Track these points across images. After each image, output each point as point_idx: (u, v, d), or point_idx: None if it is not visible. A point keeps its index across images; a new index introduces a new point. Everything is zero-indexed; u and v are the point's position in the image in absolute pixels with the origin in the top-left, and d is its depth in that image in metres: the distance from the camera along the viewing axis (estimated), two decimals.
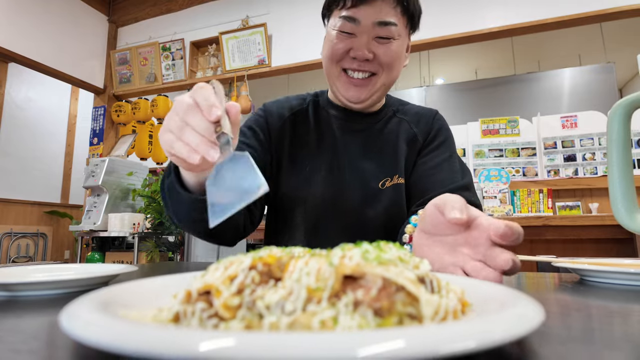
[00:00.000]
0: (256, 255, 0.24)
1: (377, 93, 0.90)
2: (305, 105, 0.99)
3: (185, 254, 3.66)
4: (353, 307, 0.20)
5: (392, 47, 0.85)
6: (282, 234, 0.94)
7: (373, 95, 0.89)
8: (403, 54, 0.89)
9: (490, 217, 0.49)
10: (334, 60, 0.87)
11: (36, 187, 4.90)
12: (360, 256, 0.22)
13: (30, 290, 0.44)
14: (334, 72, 0.89)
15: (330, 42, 0.87)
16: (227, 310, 0.21)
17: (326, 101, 0.99)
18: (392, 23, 0.83)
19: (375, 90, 0.89)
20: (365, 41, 0.83)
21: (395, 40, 0.85)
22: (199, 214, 0.63)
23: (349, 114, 0.95)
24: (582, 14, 2.80)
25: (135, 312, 0.25)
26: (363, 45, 0.83)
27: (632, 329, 0.29)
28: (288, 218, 0.92)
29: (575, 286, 0.53)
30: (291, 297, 0.20)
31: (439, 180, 0.87)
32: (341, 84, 0.89)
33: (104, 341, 0.17)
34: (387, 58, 0.85)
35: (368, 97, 0.89)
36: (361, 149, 0.93)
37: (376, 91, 0.89)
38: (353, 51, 0.84)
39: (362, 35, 0.83)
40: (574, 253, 2.09)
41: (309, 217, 0.90)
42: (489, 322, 0.19)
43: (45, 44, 3.76)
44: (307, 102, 1.00)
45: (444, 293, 0.24)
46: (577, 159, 3.48)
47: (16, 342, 0.25)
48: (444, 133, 0.97)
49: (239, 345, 0.15)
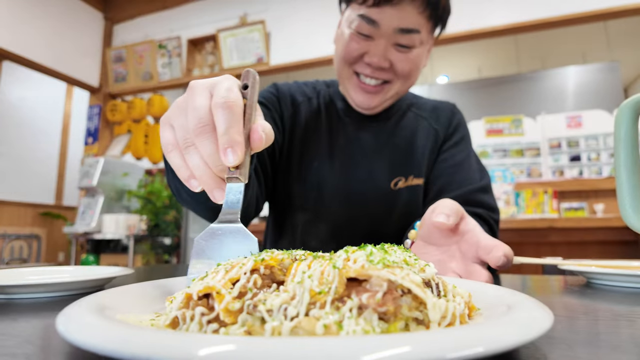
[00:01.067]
0: (258, 257, 0.24)
1: (389, 100, 0.85)
2: (317, 93, 0.92)
3: (182, 256, 3.66)
4: (358, 312, 0.19)
5: (411, 56, 0.77)
6: (283, 233, 0.90)
7: (384, 103, 0.84)
8: (423, 60, 0.82)
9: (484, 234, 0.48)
10: (346, 62, 0.80)
11: (30, 188, 4.84)
12: (364, 259, 0.21)
13: (26, 293, 0.43)
14: (346, 73, 0.82)
15: (344, 42, 0.79)
16: (229, 314, 0.20)
17: (337, 93, 0.92)
18: (415, 30, 0.74)
19: (388, 98, 0.83)
20: (383, 48, 0.75)
21: (416, 49, 0.77)
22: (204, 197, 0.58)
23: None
24: (587, 13, 2.78)
25: (132, 315, 0.25)
26: (380, 52, 0.75)
27: (639, 331, 0.29)
28: (289, 216, 0.88)
29: (582, 289, 0.52)
30: (294, 301, 0.20)
31: (457, 181, 0.83)
32: (352, 87, 0.82)
33: (101, 345, 0.17)
34: (404, 68, 0.77)
35: (379, 104, 0.83)
36: (372, 145, 0.88)
37: (388, 99, 0.83)
38: (368, 56, 0.76)
39: (380, 41, 0.75)
40: (579, 255, 2.07)
41: (313, 216, 0.86)
42: (498, 327, 0.18)
43: (40, 41, 3.73)
44: (318, 91, 0.93)
45: (450, 297, 0.23)
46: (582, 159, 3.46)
47: (11, 346, 0.25)
48: (462, 129, 0.92)
49: (239, 350, 0.15)
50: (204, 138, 0.35)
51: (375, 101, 0.82)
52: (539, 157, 3.46)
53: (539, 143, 3.51)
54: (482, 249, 0.47)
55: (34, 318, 0.34)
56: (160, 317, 0.25)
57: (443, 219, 0.47)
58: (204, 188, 0.37)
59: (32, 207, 4.83)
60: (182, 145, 0.37)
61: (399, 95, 0.85)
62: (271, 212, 0.95)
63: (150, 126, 4.12)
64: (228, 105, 0.34)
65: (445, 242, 0.52)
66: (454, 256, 0.50)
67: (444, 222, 0.47)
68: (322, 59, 3.30)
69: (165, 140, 0.39)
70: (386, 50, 0.75)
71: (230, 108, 0.34)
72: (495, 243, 0.46)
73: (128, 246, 3.58)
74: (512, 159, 3.46)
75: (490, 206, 0.80)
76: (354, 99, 0.84)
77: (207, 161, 0.36)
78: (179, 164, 0.38)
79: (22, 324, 0.32)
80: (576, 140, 3.46)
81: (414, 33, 0.74)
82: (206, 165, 0.36)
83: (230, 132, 0.34)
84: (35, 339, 0.27)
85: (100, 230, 3.56)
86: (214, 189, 0.36)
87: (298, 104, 0.89)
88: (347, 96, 0.86)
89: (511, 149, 3.51)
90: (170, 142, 0.39)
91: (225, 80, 0.37)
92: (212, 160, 0.35)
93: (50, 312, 0.36)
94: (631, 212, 0.54)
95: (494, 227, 0.79)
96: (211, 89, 0.37)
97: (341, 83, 0.86)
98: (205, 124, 0.35)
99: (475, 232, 0.49)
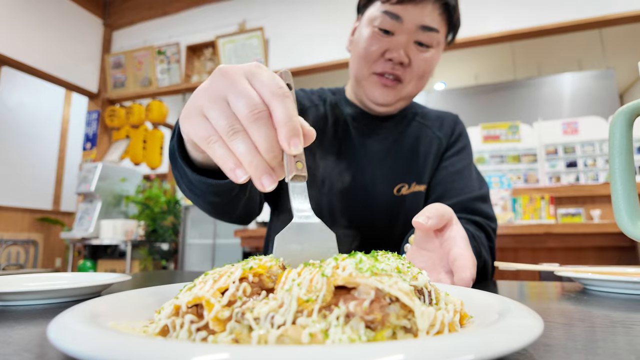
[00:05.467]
0: (246, 266, 0.24)
1: (402, 102, 0.86)
2: (322, 100, 0.94)
3: (180, 262, 3.64)
4: (345, 320, 0.19)
5: (428, 56, 0.80)
6: None
7: (398, 102, 0.86)
8: (435, 65, 0.85)
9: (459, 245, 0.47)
10: (367, 61, 0.81)
11: (27, 193, 4.82)
12: (353, 266, 0.21)
13: (22, 300, 0.43)
14: (365, 73, 0.83)
15: (364, 41, 0.81)
16: (218, 322, 0.20)
17: (344, 100, 0.94)
18: (436, 30, 0.78)
19: (402, 97, 0.85)
20: (405, 42, 0.78)
21: (433, 49, 0.80)
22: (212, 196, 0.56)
23: (367, 116, 0.91)
24: (582, 20, 2.81)
25: (125, 323, 0.25)
26: (401, 46, 0.78)
27: (636, 340, 0.29)
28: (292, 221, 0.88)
29: (578, 295, 0.52)
30: (281, 309, 0.20)
31: (457, 188, 0.84)
32: (370, 84, 0.83)
33: (90, 354, 0.17)
34: (420, 67, 0.80)
35: (394, 101, 0.85)
36: (377, 151, 0.89)
37: (403, 98, 0.85)
38: (389, 52, 0.79)
39: (402, 36, 0.78)
40: (576, 261, 2.07)
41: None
42: (488, 335, 0.18)
43: (39, 47, 3.74)
44: (324, 98, 0.94)
45: (442, 305, 0.23)
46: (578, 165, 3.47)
47: (8, 353, 0.25)
48: (464, 139, 0.94)
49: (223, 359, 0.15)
50: (261, 124, 0.33)
51: (391, 96, 0.83)
52: (536, 163, 3.47)
53: (536, 149, 3.53)
54: (452, 262, 0.46)
55: (31, 325, 0.34)
56: (152, 324, 0.25)
57: (422, 220, 0.46)
58: (251, 176, 0.34)
59: (29, 212, 4.80)
60: (227, 133, 0.34)
61: (410, 97, 0.87)
62: (273, 217, 0.95)
63: (148, 132, 4.12)
64: (287, 95, 0.34)
65: (433, 247, 0.52)
66: (434, 263, 0.50)
67: (422, 223, 0.46)
68: (320, 66, 3.32)
69: (202, 132, 0.36)
70: (407, 46, 0.79)
71: (289, 97, 0.34)
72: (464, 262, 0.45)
73: (126, 252, 3.57)
74: (509, 164, 3.48)
75: (488, 215, 0.81)
76: (370, 97, 0.85)
77: (261, 148, 0.33)
78: (223, 153, 0.35)
79: (19, 332, 0.31)
80: (572, 146, 3.48)
81: (434, 32, 0.78)
82: (256, 151, 0.34)
83: (294, 121, 0.33)
84: (33, 346, 0.27)
85: (98, 235, 3.54)
86: (263, 175, 0.34)
87: (305, 110, 0.91)
88: (364, 96, 0.86)
89: (508, 155, 3.52)
90: (210, 133, 0.35)
91: (264, 69, 0.36)
92: (267, 146, 0.33)
93: (47, 319, 0.36)
94: (626, 219, 0.54)
95: (491, 235, 0.79)
96: (249, 76, 0.35)
97: (358, 84, 0.87)
98: (261, 109, 0.33)
99: (455, 241, 0.49)
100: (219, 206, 0.63)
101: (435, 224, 0.48)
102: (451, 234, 0.50)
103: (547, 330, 0.30)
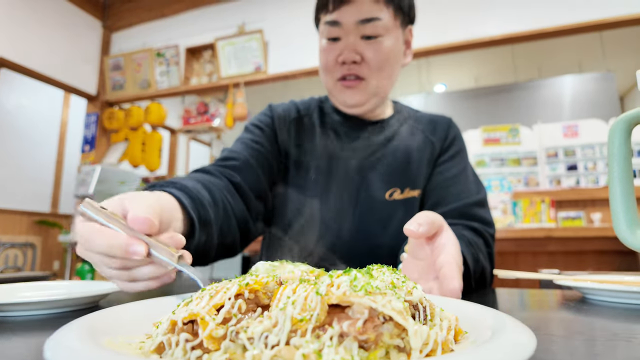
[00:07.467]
0: (242, 282, 0.23)
1: (374, 98, 0.86)
2: (311, 110, 0.96)
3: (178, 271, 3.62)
4: (338, 340, 0.19)
5: (381, 46, 0.82)
6: (280, 245, 0.89)
7: (370, 100, 0.86)
8: (398, 50, 0.85)
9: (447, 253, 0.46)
10: (327, 71, 0.86)
11: (25, 196, 4.78)
12: (347, 284, 0.21)
13: (19, 311, 0.43)
14: (330, 82, 0.87)
15: (321, 55, 0.87)
16: (212, 341, 0.20)
17: (331, 107, 0.96)
18: (376, 18, 0.80)
19: (370, 94, 0.85)
20: (352, 42, 0.81)
21: (384, 37, 0.82)
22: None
23: (356, 121, 0.92)
24: (582, 23, 2.81)
25: (121, 338, 0.25)
26: (349, 47, 0.81)
27: (636, 353, 0.29)
28: (288, 227, 0.88)
29: (578, 305, 0.52)
30: (275, 329, 0.20)
31: (453, 194, 0.83)
32: (337, 91, 0.87)
33: None
34: (374, 58, 0.82)
35: (364, 99, 0.85)
36: (368, 156, 0.89)
37: (372, 95, 0.86)
38: (341, 56, 0.82)
39: (348, 37, 0.81)
40: (576, 266, 2.06)
41: (310, 227, 0.85)
42: (481, 355, 0.18)
43: (38, 49, 3.72)
44: (312, 107, 0.97)
45: (437, 321, 0.23)
46: (578, 169, 3.47)
47: None
48: (459, 143, 0.93)
49: None
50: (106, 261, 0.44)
51: (358, 95, 0.85)
52: (536, 166, 3.46)
53: (536, 152, 3.52)
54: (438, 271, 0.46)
55: (29, 337, 0.34)
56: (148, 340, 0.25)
57: (413, 227, 0.45)
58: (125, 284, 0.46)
59: (27, 214, 4.78)
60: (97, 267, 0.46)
61: (383, 92, 0.87)
62: (269, 219, 0.95)
63: (147, 134, 4.11)
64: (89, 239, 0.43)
65: (424, 255, 0.51)
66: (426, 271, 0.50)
67: (413, 230, 0.45)
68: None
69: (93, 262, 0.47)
70: (355, 44, 0.81)
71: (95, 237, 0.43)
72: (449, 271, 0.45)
73: None
74: (509, 168, 3.47)
75: (486, 220, 0.80)
76: (341, 102, 0.87)
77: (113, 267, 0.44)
78: (108, 273, 0.45)
79: (17, 343, 0.31)
80: (573, 149, 3.47)
81: (375, 21, 0.80)
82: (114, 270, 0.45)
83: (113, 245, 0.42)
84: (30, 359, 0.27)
85: None
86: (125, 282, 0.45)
87: (292, 121, 0.93)
88: (336, 103, 0.89)
89: (508, 158, 3.52)
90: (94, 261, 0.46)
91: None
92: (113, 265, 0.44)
93: (44, 330, 0.35)
94: (625, 228, 0.53)
95: (489, 241, 0.78)
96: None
97: (330, 94, 0.90)
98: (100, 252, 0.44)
99: (444, 248, 0.48)
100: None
101: (427, 231, 0.47)
102: (441, 241, 0.49)
103: (546, 344, 0.30)
